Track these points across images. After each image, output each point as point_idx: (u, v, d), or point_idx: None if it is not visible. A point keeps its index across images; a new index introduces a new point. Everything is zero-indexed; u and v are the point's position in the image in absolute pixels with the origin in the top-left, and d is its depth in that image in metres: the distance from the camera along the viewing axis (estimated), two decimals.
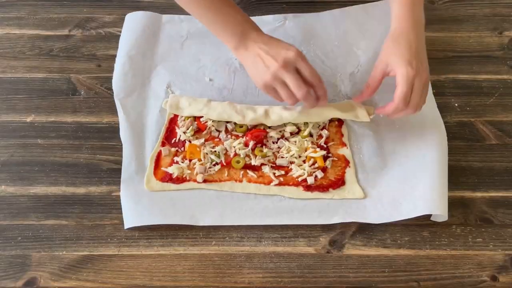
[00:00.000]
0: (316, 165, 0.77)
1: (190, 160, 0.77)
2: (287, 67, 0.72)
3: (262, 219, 0.73)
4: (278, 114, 0.80)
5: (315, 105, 0.76)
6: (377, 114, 0.80)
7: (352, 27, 0.94)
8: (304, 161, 0.78)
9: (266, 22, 0.96)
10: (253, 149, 0.79)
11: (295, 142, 0.79)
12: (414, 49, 0.74)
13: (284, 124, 0.81)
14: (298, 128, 0.81)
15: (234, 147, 0.78)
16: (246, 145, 0.79)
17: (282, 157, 0.78)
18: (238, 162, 0.77)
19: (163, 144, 0.79)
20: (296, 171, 0.76)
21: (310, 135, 0.81)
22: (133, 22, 0.94)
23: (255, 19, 0.95)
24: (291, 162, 0.77)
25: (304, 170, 0.76)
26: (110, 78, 0.87)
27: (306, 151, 0.78)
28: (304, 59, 0.73)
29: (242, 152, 0.78)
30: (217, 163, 0.77)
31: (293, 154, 0.78)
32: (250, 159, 0.78)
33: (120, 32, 0.94)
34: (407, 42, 0.75)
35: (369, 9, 0.97)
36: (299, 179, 0.76)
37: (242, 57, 0.77)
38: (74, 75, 0.90)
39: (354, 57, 0.91)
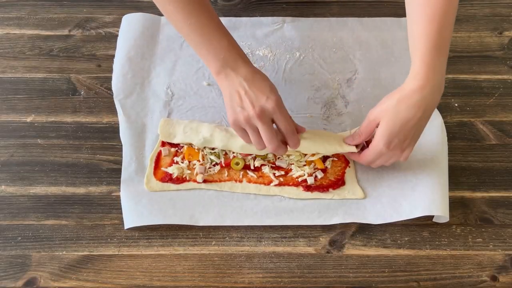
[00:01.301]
0: (316, 165, 0.77)
1: (189, 161, 0.77)
2: (263, 118, 0.68)
3: (262, 219, 0.73)
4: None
5: (284, 153, 0.73)
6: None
7: (348, 37, 0.94)
8: (304, 165, 0.77)
9: (265, 24, 0.96)
10: None
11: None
12: (408, 127, 0.66)
13: None
14: None
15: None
16: None
17: (281, 159, 0.78)
18: (237, 164, 0.77)
19: (163, 144, 0.79)
20: (296, 172, 0.76)
21: None
22: (131, 23, 0.94)
23: (254, 20, 0.96)
24: (291, 164, 0.78)
25: (304, 170, 0.76)
26: (110, 78, 0.87)
27: (305, 155, 0.78)
28: (282, 110, 0.69)
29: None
30: (216, 163, 0.77)
31: (293, 158, 0.78)
32: (249, 160, 0.78)
33: None
34: (405, 116, 0.66)
35: (365, 23, 0.97)
36: (299, 179, 0.76)
37: (221, 85, 0.72)
38: (74, 75, 0.90)
39: (351, 64, 0.91)
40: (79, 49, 0.93)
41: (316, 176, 0.76)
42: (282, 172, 0.77)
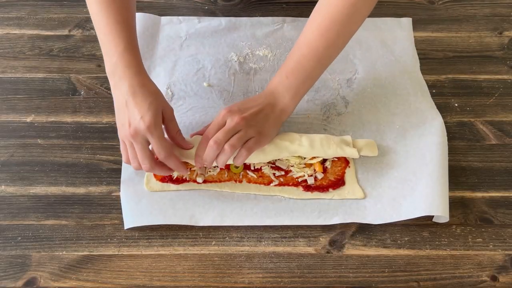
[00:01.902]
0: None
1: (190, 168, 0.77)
2: (136, 138, 0.67)
3: (262, 219, 0.73)
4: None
5: (177, 171, 0.72)
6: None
7: None
8: (304, 167, 0.77)
9: (265, 24, 0.96)
10: None
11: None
12: (249, 103, 0.74)
13: None
14: None
15: None
16: None
17: (281, 160, 0.78)
18: (236, 167, 0.77)
19: None
20: (296, 173, 0.76)
21: None
22: None
23: (254, 20, 0.96)
24: (291, 166, 0.77)
25: (304, 172, 0.76)
26: None
27: (304, 158, 0.78)
28: (154, 132, 0.67)
29: None
30: (216, 165, 0.77)
31: (292, 161, 0.78)
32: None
33: None
34: (249, 98, 0.76)
35: (365, 23, 0.96)
36: (299, 180, 0.76)
37: (112, 93, 0.72)
38: (74, 75, 0.90)
39: (351, 64, 0.91)
40: (79, 49, 0.93)
41: (316, 177, 0.76)
42: (282, 172, 0.77)
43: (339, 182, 0.76)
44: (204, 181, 0.76)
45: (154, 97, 0.69)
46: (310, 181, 0.75)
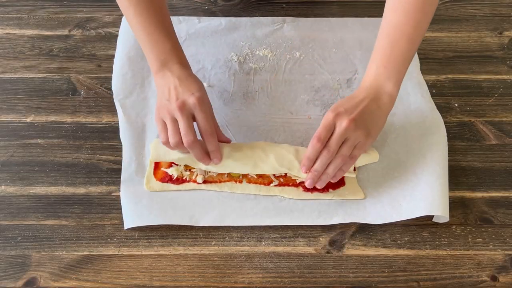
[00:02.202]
0: None
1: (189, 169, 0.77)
2: (183, 110, 0.69)
3: (262, 219, 0.73)
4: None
5: (203, 159, 0.72)
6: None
7: (348, 37, 0.94)
8: None
9: (265, 24, 0.96)
10: None
11: None
12: (354, 102, 0.72)
13: None
14: None
15: None
16: None
17: None
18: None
19: None
20: (294, 176, 0.76)
21: None
22: None
23: (254, 20, 0.96)
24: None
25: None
26: (110, 78, 0.87)
27: None
28: (203, 107, 0.70)
29: None
30: None
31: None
32: None
33: None
34: (351, 95, 0.73)
35: (365, 22, 0.97)
36: (298, 181, 0.76)
37: (157, 83, 0.75)
38: (74, 75, 0.90)
39: (351, 64, 0.91)
40: (79, 49, 0.93)
41: None
42: (282, 173, 0.77)
43: (339, 183, 0.76)
44: (204, 181, 0.76)
45: (200, 83, 0.74)
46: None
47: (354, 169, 0.76)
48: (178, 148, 0.72)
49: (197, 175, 0.76)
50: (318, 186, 0.73)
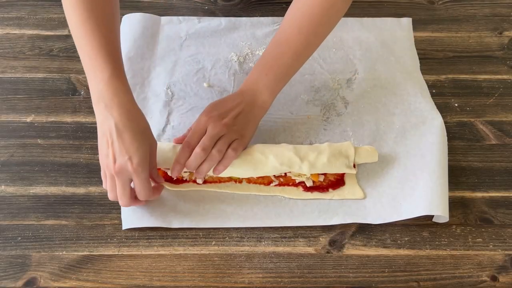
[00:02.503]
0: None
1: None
2: (120, 175, 0.66)
3: (262, 220, 0.73)
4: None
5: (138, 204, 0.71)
6: None
7: (348, 37, 0.95)
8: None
9: (265, 24, 0.96)
10: None
11: None
12: (227, 105, 0.74)
13: None
14: None
15: None
16: None
17: None
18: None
19: None
20: (293, 176, 0.76)
21: None
22: (131, 24, 0.94)
23: (254, 20, 0.96)
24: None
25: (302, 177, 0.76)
26: None
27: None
28: (140, 174, 0.65)
29: None
30: None
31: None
32: None
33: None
34: (225, 98, 0.75)
35: (365, 22, 0.97)
36: (298, 181, 0.76)
37: (96, 117, 0.68)
38: (74, 75, 0.90)
39: (351, 64, 0.91)
40: None
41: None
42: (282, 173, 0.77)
43: (339, 182, 0.76)
44: (204, 182, 0.76)
45: (143, 135, 0.66)
46: (309, 183, 0.75)
47: (354, 166, 0.76)
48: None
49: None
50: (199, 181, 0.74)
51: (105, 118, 0.66)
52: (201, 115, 0.73)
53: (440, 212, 0.71)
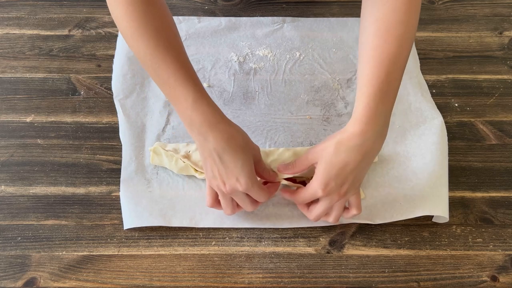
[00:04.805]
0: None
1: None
2: (234, 193, 0.66)
3: (262, 222, 0.73)
4: None
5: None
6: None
7: (348, 37, 0.94)
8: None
9: (265, 24, 0.96)
10: None
11: None
12: (346, 172, 0.63)
13: None
14: None
15: None
16: None
17: None
18: None
19: None
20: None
21: None
22: None
23: (254, 20, 0.96)
24: None
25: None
26: (110, 78, 0.87)
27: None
28: (253, 188, 0.64)
29: None
30: None
31: None
32: None
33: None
34: (343, 159, 0.62)
35: None
36: (299, 180, 0.76)
37: (195, 142, 0.66)
38: (74, 75, 0.90)
39: (351, 64, 0.91)
40: (79, 49, 0.93)
41: None
42: None
43: None
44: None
45: (244, 150, 0.64)
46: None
47: None
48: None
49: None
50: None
51: (203, 142, 0.64)
52: (316, 185, 0.64)
53: (440, 212, 0.71)
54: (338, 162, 0.63)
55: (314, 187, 0.65)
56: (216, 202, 0.70)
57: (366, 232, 0.73)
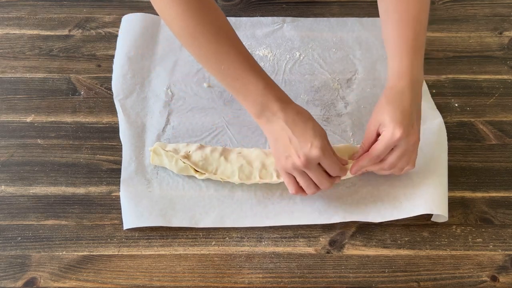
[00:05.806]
0: None
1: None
2: (309, 165, 0.66)
3: (262, 220, 0.73)
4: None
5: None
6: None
7: (348, 37, 0.95)
8: None
9: (265, 24, 0.96)
10: None
11: None
12: (407, 111, 0.67)
13: None
14: None
15: None
16: None
17: None
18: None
19: None
20: None
21: None
22: (131, 24, 0.94)
23: (254, 20, 0.96)
24: None
25: None
26: (110, 78, 0.87)
27: None
28: (327, 154, 0.66)
29: None
30: None
31: None
32: None
33: None
34: (400, 103, 0.68)
35: (365, 22, 0.97)
36: None
37: (264, 129, 0.70)
38: (74, 75, 0.90)
39: (351, 64, 0.91)
40: (79, 49, 0.93)
41: None
42: None
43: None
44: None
45: (313, 121, 0.68)
46: None
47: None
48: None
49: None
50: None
51: (273, 124, 0.67)
52: (390, 130, 0.67)
53: (440, 211, 0.71)
54: (398, 109, 0.68)
55: (390, 132, 0.67)
56: (298, 187, 0.70)
57: (366, 232, 0.73)
